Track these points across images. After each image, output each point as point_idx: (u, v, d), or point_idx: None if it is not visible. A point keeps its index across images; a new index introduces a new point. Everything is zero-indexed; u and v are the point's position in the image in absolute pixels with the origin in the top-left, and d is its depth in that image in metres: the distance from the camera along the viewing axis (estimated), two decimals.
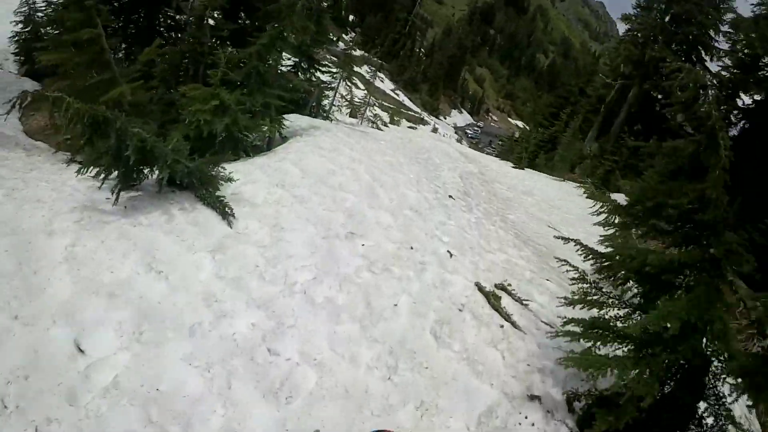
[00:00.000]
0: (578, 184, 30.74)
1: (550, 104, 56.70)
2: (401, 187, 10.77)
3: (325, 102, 20.06)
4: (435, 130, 63.37)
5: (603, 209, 8.62)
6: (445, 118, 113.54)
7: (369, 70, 26.25)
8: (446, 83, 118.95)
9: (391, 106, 68.10)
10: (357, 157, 11.31)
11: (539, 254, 11.05)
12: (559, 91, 62.26)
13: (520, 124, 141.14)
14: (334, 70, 21.18)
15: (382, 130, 25.76)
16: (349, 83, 22.71)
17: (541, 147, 38.47)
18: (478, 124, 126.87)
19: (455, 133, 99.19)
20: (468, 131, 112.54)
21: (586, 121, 43.67)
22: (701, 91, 5.53)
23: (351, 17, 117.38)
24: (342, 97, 23.39)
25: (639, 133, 40.65)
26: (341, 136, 12.82)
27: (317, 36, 17.57)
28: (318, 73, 18.49)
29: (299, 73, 17.92)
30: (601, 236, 9.65)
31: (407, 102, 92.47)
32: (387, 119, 32.43)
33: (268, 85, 10.27)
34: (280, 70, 17.36)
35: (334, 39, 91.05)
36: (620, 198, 22.01)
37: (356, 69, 22.52)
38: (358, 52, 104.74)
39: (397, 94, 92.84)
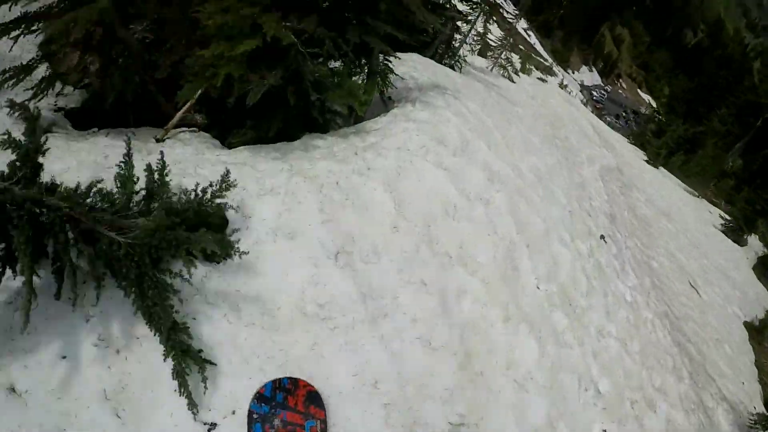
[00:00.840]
0: (715, 211, 25.88)
1: (689, 90, 50.06)
2: (553, 239, 6.70)
3: (457, 39, 15.95)
4: (563, 85, 57.24)
5: None
6: (574, 73, 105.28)
7: (511, 12, 22.05)
8: (582, 36, 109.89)
9: (522, 48, 62.18)
10: (495, 165, 6.85)
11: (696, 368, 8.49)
12: (701, 78, 54.86)
13: (648, 98, 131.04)
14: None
15: (514, 81, 21.40)
16: (489, 21, 18.18)
17: (680, 145, 32.93)
18: (606, 88, 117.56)
19: (581, 92, 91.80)
20: (594, 93, 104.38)
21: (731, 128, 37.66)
22: None
23: None
24: (478, 35, 18.89)
25: None
26: (475, 112, 8.48)
27: None
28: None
29: None
30: None
31: (538, 46, 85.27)
32: (518, 65, 27.68)
33: (372, 11, 5.62)
34: None
35: None
36: (759, 247, 17.37)
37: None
38: None
39: (529, 35, 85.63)
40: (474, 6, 16.56)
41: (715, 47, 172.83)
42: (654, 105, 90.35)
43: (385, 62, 6.67)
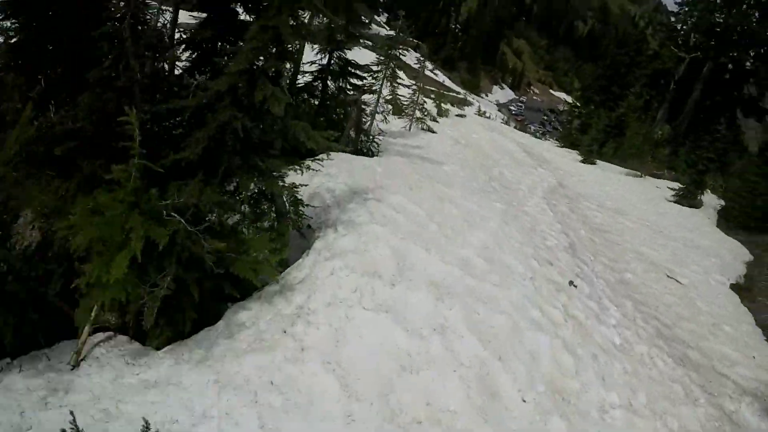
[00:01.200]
0: (662, 184, 26.05)
1: (598, 76, 51.27)
2: (523, 330, 6.07)
3: (367, 112, 15.92)
4: (481, 113, 58.24)
5: None
6: (487, 96, 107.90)
7: (417, 59, 21.95)
8: (485, 59, 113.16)
9: (432, 88, 63.32)
10: (439, 274, 6.40)
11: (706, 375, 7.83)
12: (606, 61, 56.51)
13: (562, 95, 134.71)
14: (376, 67, 16.85)
15: (434, 131, 21.38)
16: (393, 83, 18.27)
17: (608, 133, 33.45)
18: (521, 99, 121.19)
19: (499, 110, 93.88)
20: (511, 108, 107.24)
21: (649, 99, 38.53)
22: None
23: None
24: (386, 101, 18.85)
25: (711, 110, 35.66)
26: (403, 207, 8.48)
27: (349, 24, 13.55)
28: (354, 79, 14.39)
29: (329, 81, 13.80)
30: None
31: (447, 82, 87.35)
32: (434, 111, 27.81)
33: (261, 151, 5.29)
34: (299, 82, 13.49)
35: (367, 21, 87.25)
36: (713, 201, 16.94)
37: (402, 57, 17.93)
38: (390, 32, 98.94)
39: (436, 74, 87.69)
40: (376, 74, 16.62)
41: (606, 29, 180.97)
42: (570, 100, 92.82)
43: (293, 196, 6.19)
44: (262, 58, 4.82)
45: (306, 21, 9.43)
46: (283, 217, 5.90)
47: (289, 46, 5.10)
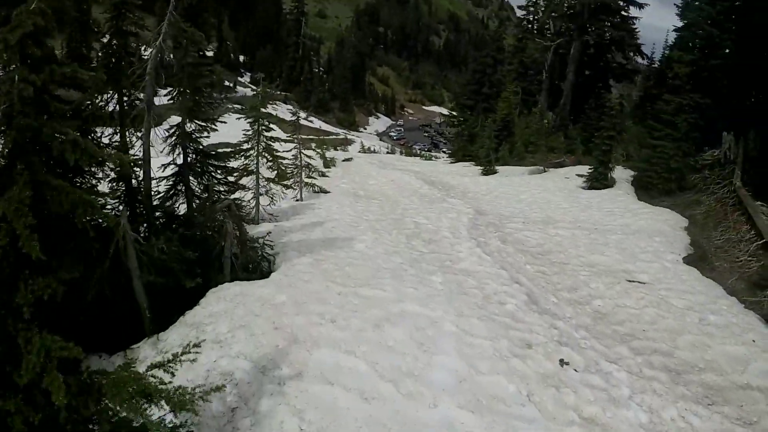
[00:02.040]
0: (567, 172, 24.82)
1: (467, 82, 51.13)
2: None
3: (247, 208, 13.42)
4: (366, 149, 56.86)
5: None
6: (366, 128, 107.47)
7: (289, 111, 19.35)
8: (354, 94, 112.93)
9: (311, 137, 61.51)
10: None
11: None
12: (472, 65, 56.76)
13: (435, 109, 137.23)
14: (247, 144, 14.26)
15: (326, 191, 19.03)
16: (267, 156, 15.25)
17: (498, 136, 32.33)
18: (398, 123, 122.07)
19: (381, 140, 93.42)
20: (392, 133, 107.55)
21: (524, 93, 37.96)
22: None
23: (241, 58, 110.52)
24: (267, 179, 15.77)
25: (587, 87, 35.42)
26: (345, 374, 6.31)
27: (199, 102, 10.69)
28: (219, 172, 11.49)
29: (198, 179, 11.06)
30: None
31: (324, 126, 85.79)
32: (320, 165, 25.53)
33: None
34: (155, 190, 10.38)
35: (231, 85, 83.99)
36: (622, 174, 15.58)
37: (274, 113, 15.40)
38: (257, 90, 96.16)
39: (311, 121, 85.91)
40: (247, 152, 14.09)
41: (459, 36, 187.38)
42: (445, 111, 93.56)
43: None
44: None
45: None
46: None
47: None
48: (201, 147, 10.98)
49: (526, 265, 11.60)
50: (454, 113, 48.56)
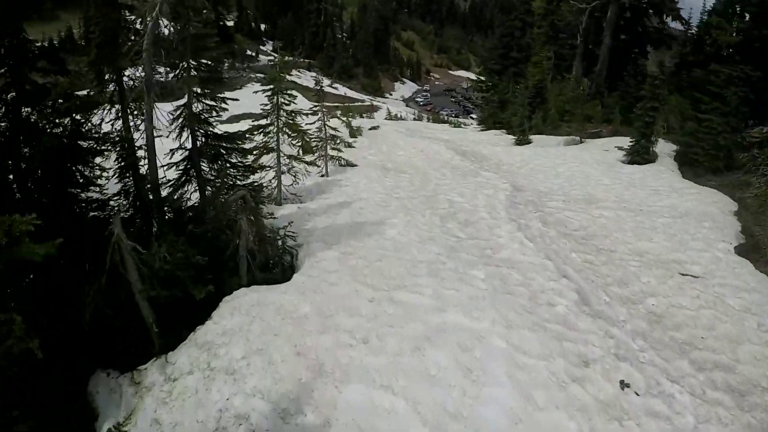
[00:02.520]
0: (606, 144, 23.42)
1: (495, 46, 49.09)
2: None
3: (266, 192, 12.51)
4: (392, 116, 55.33)
5: None
6: (391, 94, 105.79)
7: (313, 78, 18.22)
8: (379, 59, 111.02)
9: (336, 104, 60.31)
10: None
11: None
12: (500, 29, 54.46)
13: (462, 73, 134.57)
14: (265, 120, 13.23)
15: (354, 164, 17.99)
16: (288, 131, 14.12)
17: (531, 103, 30.76)
18: (425, 88, 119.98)
19: (407, 106, 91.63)
20: (418, 99, 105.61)
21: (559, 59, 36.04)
22: None
23: (263, 26, 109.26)
24: (288, 156, 14.53)
25: (624, 52, 33.53)
26: (380, 414, 5.42)
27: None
28: (235, 155, 10.17)
29: (211, 164, 9.94)
30: None
31: (349, 93, 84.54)
32: (346, 134, 24.52)
33: None
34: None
35: (254, 54, 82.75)
36: (664, 147, 14.05)
37: (297, 81, 14.23)
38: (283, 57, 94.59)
39: (336, 88, 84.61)
40: (267, 128, 13.09)
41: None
42: (472, 76, 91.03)
43: None
44: None
45: None
46: None
47: None
48: (212, 130, 9.74)
49: (571, 254, 10.56)
50: (482, 78, 46.88)
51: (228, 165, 9.86)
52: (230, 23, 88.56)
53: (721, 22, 26.23)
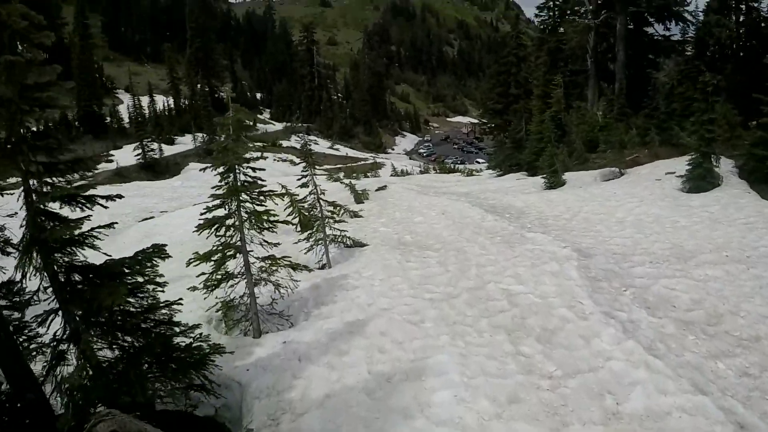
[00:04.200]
0: (656, 171, 19.46)
1: (492, 86, 47.03)
2: None
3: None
4: (398, 171, 52.18)
5: None
6: (393, 149, 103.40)
7: (298, 138, 15.44)
8: (377, 115, 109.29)
9: (339, 166, 57.50)
10: None
11: None
12: (494, 68, 52.79)
13: (461, 119, 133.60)
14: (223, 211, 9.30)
15: (364, 244, 14.00)
16: (257, 222, 9.59)
17: (555, 140, 27.08)
18: (425, 138, 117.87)
19: (411, 159, 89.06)
20: (421, 150, 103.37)
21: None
22: None
23: (258, 95, 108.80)
24: (262, 260, 9.82)
25: (636, 67, 30.24)
26: None
27: None
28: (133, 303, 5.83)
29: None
30: None
31: (351, 153, 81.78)
32: (353, 202, 20.78)
33: None
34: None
35: (251, 123, 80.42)
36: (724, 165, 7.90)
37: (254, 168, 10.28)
38: (277, 125, 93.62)
39: (337, 149, 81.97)
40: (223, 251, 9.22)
41: (472, 43, 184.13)
42: (472, 120, 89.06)
43: None
44: None
45: None
46: None
47: None
48: (79, 261, 5.06)
49: (717, 363, 6.46)
50: (484, 120, 44.67)
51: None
52: (223, 95, 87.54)
53: (720, 19, 24.31)
